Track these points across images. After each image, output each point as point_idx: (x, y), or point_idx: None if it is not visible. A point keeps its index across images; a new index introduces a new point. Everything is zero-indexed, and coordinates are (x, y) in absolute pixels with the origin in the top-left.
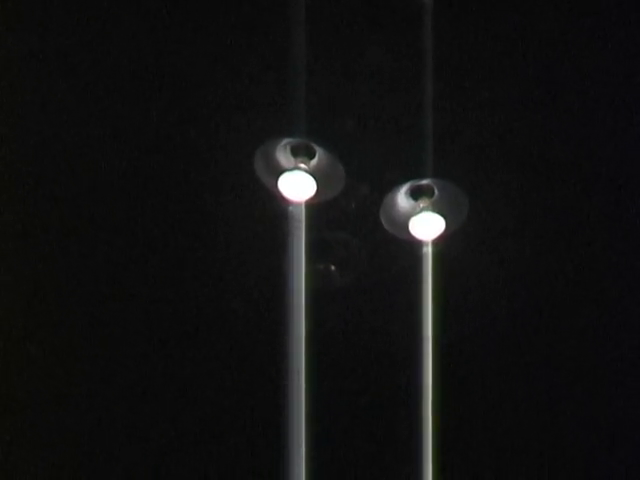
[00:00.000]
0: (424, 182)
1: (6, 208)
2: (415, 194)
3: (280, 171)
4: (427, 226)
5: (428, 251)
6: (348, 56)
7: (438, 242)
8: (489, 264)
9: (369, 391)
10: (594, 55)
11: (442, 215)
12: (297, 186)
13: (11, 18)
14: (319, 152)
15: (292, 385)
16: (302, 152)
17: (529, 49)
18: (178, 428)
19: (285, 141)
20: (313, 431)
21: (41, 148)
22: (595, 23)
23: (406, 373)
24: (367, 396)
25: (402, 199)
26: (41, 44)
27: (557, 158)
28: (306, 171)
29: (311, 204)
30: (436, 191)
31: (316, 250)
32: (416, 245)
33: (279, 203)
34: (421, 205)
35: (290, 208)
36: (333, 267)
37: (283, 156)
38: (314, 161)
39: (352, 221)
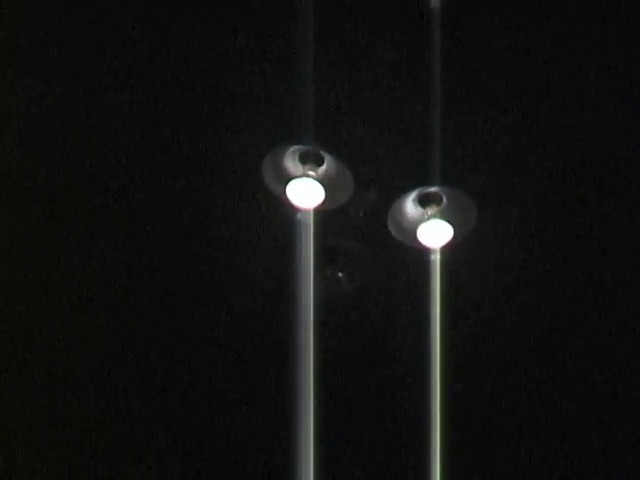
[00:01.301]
0: (432, 189)
1: (6, 214)
2: (423, 201)
3: (288, 178)
4: (435, 234)
5: (436, 259)
6: (356, 63)
7: (446, 250)
8: (497, 272)
9: (377, 397)
10: (605, 63)
11: (450, 223)
12: (305, 193)
13: (12, 17)
14: (327, 159)
15: (300, 391)
16: (310, 159)
17: (539, 57)
18: (184, 437)
19: (293, 148)
20: (321, 437)
21: (44, 153)
22: (606, 31)
23: (414, 380)
24: (375, 402)
25: (410, 206)
26: (44, 44)
27: (566, 166)
28: (314, 178)
29: (319, 211)
30: (444, 199)
31: (324, 257)
32: (424, 253)
33: (287, 210)
34: (429, 212)
35: (298, 215)
36: (341, 274)
37: (291, 163)
38: (322, 168)
39: (360, 228)
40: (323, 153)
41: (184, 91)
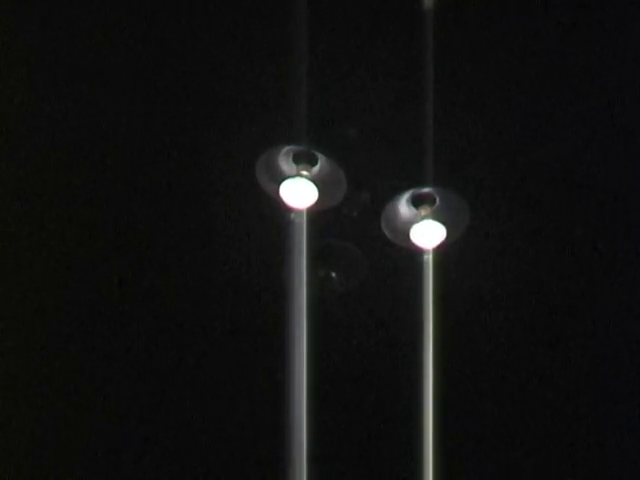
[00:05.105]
0: (425, 190)
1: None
2: (416, 202)
3: (282, 178)
4: (428, 234)
5: (429, 259)
6: (350, 64)
7: (439, 250)
8: (489, 272)
9: (370, 397)
10: (598, 65)
11: (443, 223)
12: (299, 193)
13: (13, 17)
14: (321, 159)
15: (293, 390)
16: (304, 159)
17: (532, 58)
18: (180, 440)
19: (287, 148)
20: (314, 439)
21: (41, 152)
22: (600, 33)
23: (406, 380)
24: (367, 400)
25: (403, 207)
26: (43, 44)
27: (560, 168)
28: (308, 178)
29: (313, 211)
30: (437, 199)
31: (317, 257)
32: (417, 253)
33: (281, 210)
34: (422, 213)
35: (292, 215)
36: (334, 274)
37: (285, 163)
38: (316, 168)
39: (353, 228)
40: (317, 153)
41: (177, 92)
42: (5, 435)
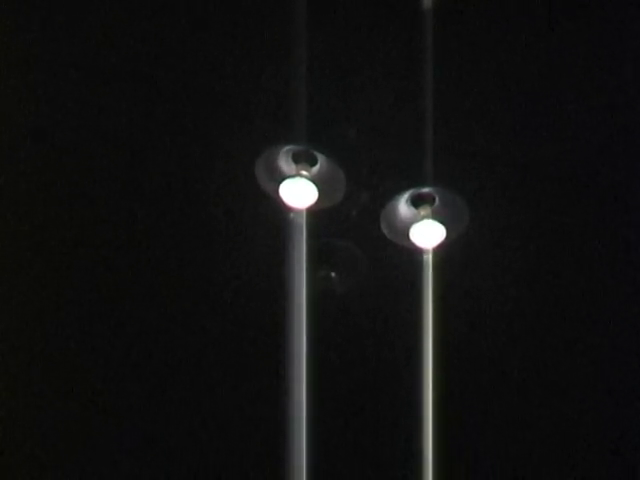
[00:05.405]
0: (425, 190)
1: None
2: (416, 202)
3: (281, 178)
4: (428, 234)
5: (428, 259)
6: (350, 64)
7: (439, 250)
8: (489, 272)
9: (368, 398)
10: (598, 65)
11: (443, 223)
12: (298, 193)
13: (13, 17)
14: (321, 159)
15: (293, 391)
16: (304, 159)
17: (532, 58)
18: (180, 440)
19: (286, 148)
20: (313, 440)
21: (41, 152)
22: (600, 33)
23: (406, 380)
24: (366, 401)
25: (403, 207)
26: (43, 43)
27: (559, 167)
28: (307, 178)
29: (312, 211)
30: (437, 199)
31: (317, 257)
32: (416, 253)
33: (280, 210)
34: (422, 213)
35: (291, 215)
36: (334, 274)
37: (284, 163)
38: (315, 168)
39: (353, 228)
40: (316, 153)
41: (177, 92)
42: (5, 435)
